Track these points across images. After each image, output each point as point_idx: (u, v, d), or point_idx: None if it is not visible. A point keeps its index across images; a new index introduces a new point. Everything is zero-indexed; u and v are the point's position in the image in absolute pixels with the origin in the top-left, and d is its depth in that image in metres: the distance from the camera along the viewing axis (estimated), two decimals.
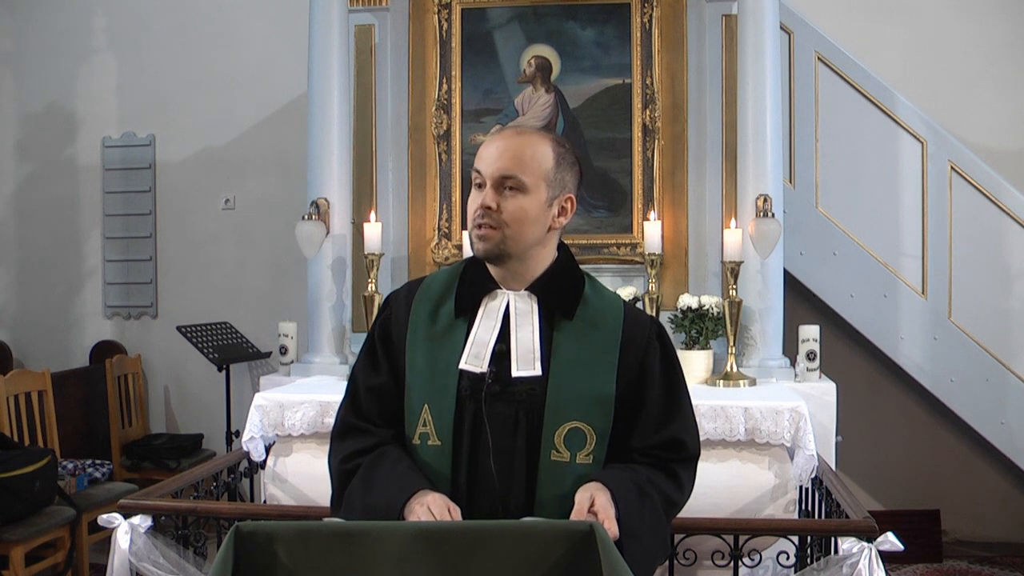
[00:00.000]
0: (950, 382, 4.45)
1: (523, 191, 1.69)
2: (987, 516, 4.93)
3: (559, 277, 1.78)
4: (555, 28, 4.20)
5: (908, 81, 4.80)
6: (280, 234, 5.17)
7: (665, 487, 1.74)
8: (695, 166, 4.14)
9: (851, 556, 2.42)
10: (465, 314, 1.76)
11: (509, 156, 1.69)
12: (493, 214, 1.68)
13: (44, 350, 5.70)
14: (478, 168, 1.71)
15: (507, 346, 1.72)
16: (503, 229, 1.69)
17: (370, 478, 1.71)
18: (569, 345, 1.73)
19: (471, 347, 1.72)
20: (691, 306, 3.80)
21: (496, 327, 1.73)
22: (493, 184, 1.69)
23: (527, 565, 1.45)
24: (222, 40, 5.59)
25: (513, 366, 1.70)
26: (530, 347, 1.72)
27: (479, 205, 1.70)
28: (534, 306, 1.75)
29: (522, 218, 1.69)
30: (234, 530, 1.46)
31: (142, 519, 2.62)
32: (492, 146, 1.71)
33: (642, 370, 1.76)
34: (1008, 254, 4.45)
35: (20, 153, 5.87)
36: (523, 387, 1.70)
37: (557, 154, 1.73)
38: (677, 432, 1.77)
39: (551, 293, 1.76)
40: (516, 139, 1.72)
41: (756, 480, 3.21)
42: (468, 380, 1.71)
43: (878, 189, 4.49)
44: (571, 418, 1.69)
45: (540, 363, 1.71)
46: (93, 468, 4.37)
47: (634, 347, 1.76)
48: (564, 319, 1.75)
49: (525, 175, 1.69)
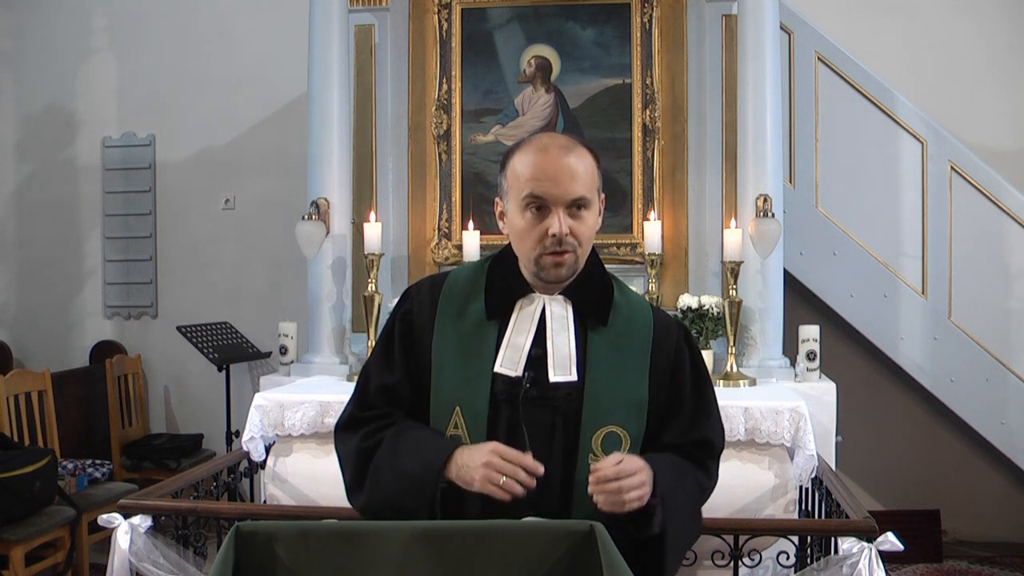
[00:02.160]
0: (950, 382, 4.45)
1: (587, 208, 1.70)
2: (987, 516, 4.93)
3: (591, 281, 1.78)
4: (555, 28, 4.20)
5: (908, 81, 4.80)
6: (280, 234, 5.17)
7: (697, 475, 1.79)
8: (695, 166, 4.14)
9: (851, 556, 2.42)
10: (497, 316, 1.75)
11: (576, 178, 1.67)
12: (569, 239, 1.67)
13: (44, 350, 5.70)
14: (536, 194, 1.66)
15: (543, 351, 1.72)
16: (577, 251, 1.70)
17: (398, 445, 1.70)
18: (604, 351, 1.74)
19: (506, 350, 1.72)
20: (691, 306, 3.80)
21: (532, 331, 1.73)
22: (565, 209, 1.67)
23: (527, 565, 1.45)
24: (222, 40, 5.60)
25: (550, 371, 1.71)
26: (567, 352, 1.72)
27: (552, 233, 1.66)
28: (569, 311, 1.76)
29: (591, 235, 1.73)
30: (234, 530, 1.46)
31: (142, 519, 2.62)
32: (545, 167, 1.66)
33: (673, 374, 1.79)
34: (1008, 254, 4.45)
35: (20, 153, 5.87)
36: (560, 392, 1.71)
37: (596, 161, 1.74)
38: (707, 433, 1.81)
39: (585, 298, 1.77)
40: (569, 158, 1.68)
41: (756, 480, 3.20)
42: (503, 384, 1.71)
43: (878, 189, 4.49)
44: (607, 422, 1.71)
45: (575, 368, 1.72)
46: (93, 468, 4.37)
47: (664, 352, 1.79)
48: (599, 324, 1.76)
49: (590, 193, 1.70)
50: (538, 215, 1.68)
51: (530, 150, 1.70)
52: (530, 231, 1.68)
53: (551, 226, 1.66)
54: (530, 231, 1.68)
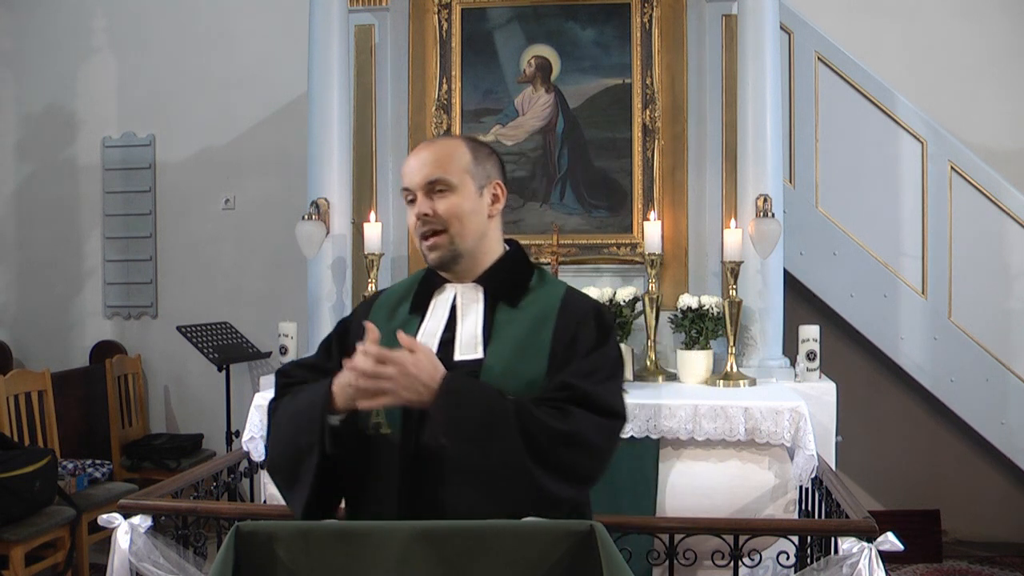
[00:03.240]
0: (950, 382, 4.45)
1: (451, 189, 1.79)
2: (987, 516, 4.93)
3: (506, 268, 1.87)
4: (555, 28, 4.20)
5: (908, 81, 4.80)
6: (280, 234, 5.17)
7: (541, 414, 1.63)
8: (695, 166, 4.13)
9: (851, 556, 2.42)
10: (418, 311, 1.86)
11: (429, 163, 1.80)
12: (432, 218, 1.78)
13: (44, 350, 5.71)
14: (405, 186, 1.82)
15: (453, 334, 1.79)
16: (448, 230, 1.79)
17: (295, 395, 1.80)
18: (508, 329, 1.79)
19: (421, 337, 1.80)
20: (691, 306, 3.80)
21: (444, 317, 1.82)
22: (423, 192, 1.79)
23: (527, 565, 1.45)
24: (222, 40, 5.60)
25: (456, 351, 1.77)
26: (473, 333, 1.79)
27: (416, 216, 1.80)
28: (480, 295, 1.83)
29: (458, 213, 1.79)
30: (234, 530, 1.46)
31: (142, 519, 2.62)
32: (411, 162, 1.83)
33: (572, 345, 1.76)
34: (1008, 254, 4.45)
35: (20, 153, 5.87)
36: (464, 370, 1.74)
37: (472, 148, 1.85)
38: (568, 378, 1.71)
39: (497, 283, 1.84)
40: (430, 147, 1.85)
41: (756, 480, 3.21)
42: None
43: (878, 189, 4.49)
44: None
45: (483, 348, 1.77)
46: (93, 468, 4.37)
47: (567, 326, 1.78)
48: (508, 306, 1.82)
49: (448, 174, 1.79)
50: (412, 206, 1.83)
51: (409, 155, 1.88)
52: (410, 222, 1.84)
53: (417, 210, 1.80)
54: (410, 222, 1.84)
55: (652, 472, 3.23)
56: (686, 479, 3.24)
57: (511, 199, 4.19)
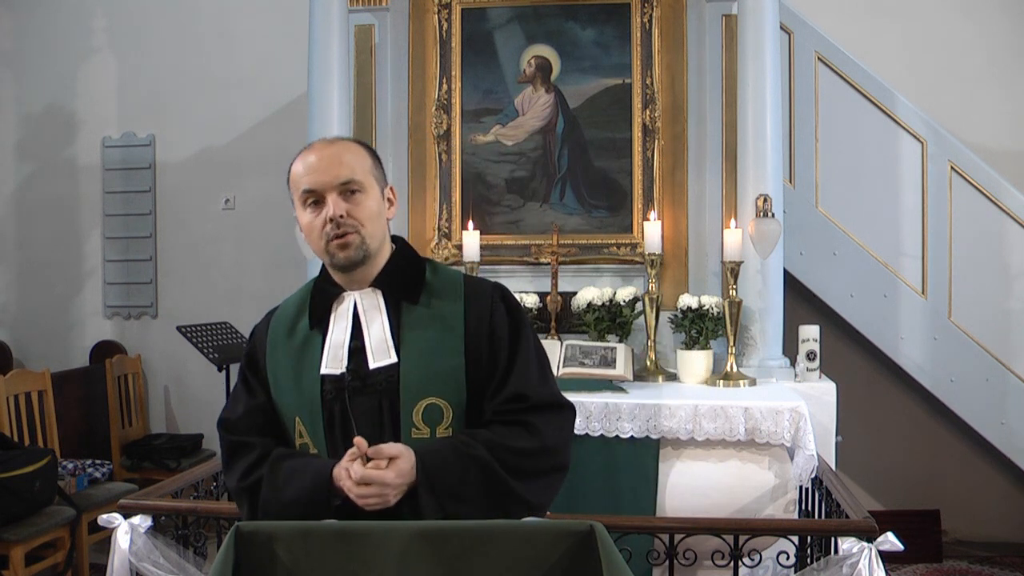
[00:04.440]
0: (950, 382, 4.45)
1: (363, 191, 1.77)
2: (987, 516, 4.93)
3: (399, 267, 1.84)
4: (555, 28, 4.20)
5: (908, 81, 4.79)
6: (280, 234, 5.17)
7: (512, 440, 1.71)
8: (695, 166, 4.13)
9: (851, 556, 2.42)
10: (319, 324, 1.82)
11: (340, 163, 1.75)
12: (347, 220, 1.74)
13: (44, 350, 5.71)
14: (308, 187, 1.75)
15: (361, 343, 1.77)
16: (360, 231, 1.76)
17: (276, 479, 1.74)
18: (416, 328, 1.78)
19: (328, 351, 1.79)
20: (691, 306, 3.80)
21: (348, 327, 1.80)
22: (338, 192, 1.74)
23: (527, 565, 1.45)
24: (222, 40, 5.60)
25: (369, 358, 1.76)
26: (382, 337, 1.77)
27: (328, 217, 1.73)
28: (380, 299, 1.81)
29: (371, 215, 1.77)
30: (234, 530, 1.46)
31: (142, 519, 2.62)
32: (312, 161, 1.76)
33: (491, 334, 1.79)
34: (1008, 254, 4.45)
35: (20, 153, 5.87)
36: (381, 377, 1.75)
37: (369, 152, 1.83)
38: (518, 388, 1.76)
39: (393, 283, 1.82)
40: (335, 147, 1.78)
41: (756, 480, 3.21)
42: (330, 383, 1.77)
43: (878, 189, 4.49)
44: (425, 395, 1.74)
45: (395, 350, 1.76)
46: (93, 468, 4.37)
47: (478, 314, 1.80)
48: (410, 305, 1.80)
49: (360, 176, 1.77)
50: (316, 208, 1.76)
51: (301, 154, 1.81)
52: (313, 225, 1.77)
53: (327, 212, 1.74)
54: (313, 225, 1.77)
55: (652, 472, 3.23)
56: (686, 479, 3.24)
57: (511, 199, 4.24)
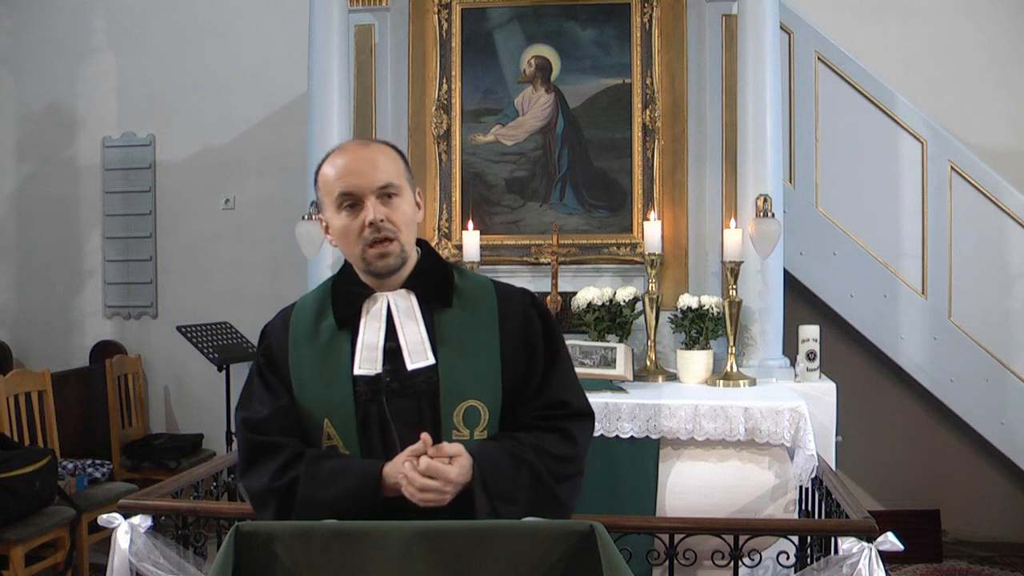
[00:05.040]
0: (950, 382, 4.45)
1: (400, 195, 1.75)
2: (987, 516, 4.93)
3: (429, 270, 1.83)
4: (555, 28, 4.20)
5: (908, 81, 4.80)
6: (280, 234, 5.17)
7: (551, 445, 1.75)
8: (695, 166, 4.13)
9: (851, 556, 2.42)
10: (347, 324, 1.79)
11: (376, 166, 1.73)
12: (387, 225, 1.72)
13: (44, 350, 5.71)
14: (346, 190, 1.72)
15: (397, 343, 1.76)
16: (399, 237, 1.74)
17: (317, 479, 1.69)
18: (452, 330, 1.78)
19: (361, 352, 1.76)
20: (691, 306, 3.80)
21: (382, 328, 1.77)
22: (376, 196, 1.72)
23: (527, 565, 1.45)
24: (222, 40, 5.60)
25: (407, 360, 1.75)
26: (419, 339, 1.76)
27: (368, 222, 1.71)
28: (413, 300, 1.80)
29: (408, 220, 1.76)
30: (234, 530, 1.46)
31: (142, 519, 2.62)
32: (348, 163, 1.73)
33: (526, 340, 1.80)
34: (1008, 254, 4.45)
35: (20, 153, 5.87)
36: (420, 378, 1.74)
37: (400, 154, 1.81)
38: (558, 393, 1.80)
39: (426, 286, 1.81)
40: (368, 150, 1.76)
41: (756, 480, 3.21)
42: (365, 384, 1.74)
43: (878, 189, 4.49)
44: (465, 397, 1.74)
45: (431, 351, 1.75)
46: (93, 468, 4.38)
47: (512, 319, 1.81)
48: (443, 307, 1.79)
49: (396, 179, 1.75)
50: (353, 212, 1.73)
51: (333, 155, 1.78)
52: (349, 229, 1.74)
53: (366, 216, 1.71)
54: (349, 229, 1.74)
55: (652, 472, 3.23)
56: (686, 479, 3.24)
57: (511, 199, 4.24)
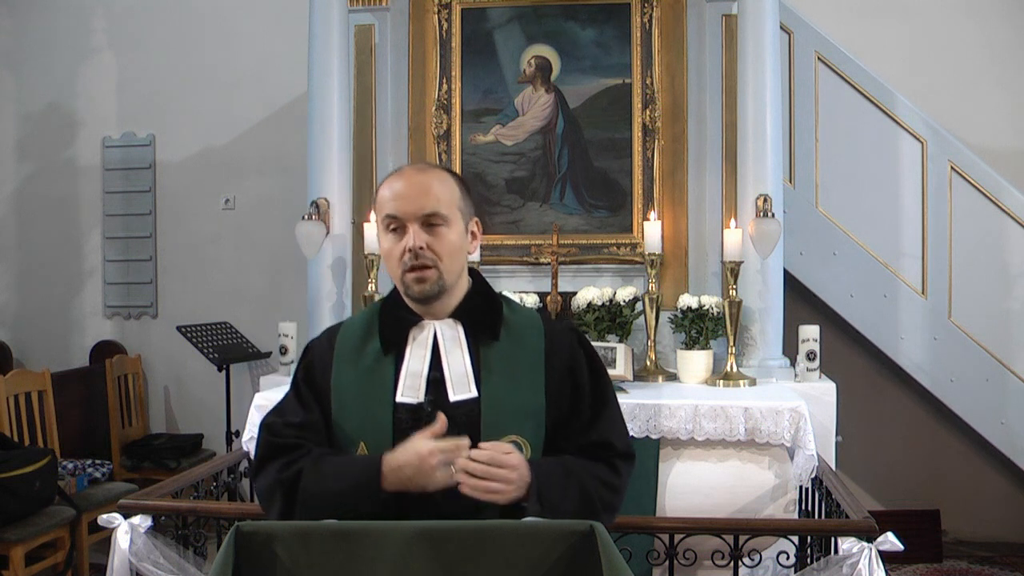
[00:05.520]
0: (950, 382, 4.45)
1: (446, 224, 1.74)
2: (987, 516, 4.93)
3: (478, 301, 1.82)
4: (555, 28, 4.20)
5: (908, 81, 4.79)
6: (280, 234, 5.17)
7: (600, 471, 1.76)
8: (695, 166, 4.13)
9: (851, 556, 2.42)
10: (392, 349, 1.78)
11: (426, 193, 1.72)
12: (426, 253, 1.71)
13: (44, 350, 5.71)
14: (392, 213, 1.73)
15: (441, 373, 1.74)
16: (438, 266, 1.73)
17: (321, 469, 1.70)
18: (497, 363, 1.76)
19: (405, 379, 1.75)
20: (691, 306, 3.80)
21: (427, 356, 1.76)
22: (420, 224, 1.72)
23: (527, 565, 1.45)
24: (222, 40, 5.60)
25: (449, 391, 1.73)
26: (463, 371, 1.75)
27: (408, 248, 1.71)
28: (460, 331, 1.78)
29: (451, 251, 1.74)
30: (234, 530, 1.46)
31: (142, 519, 2.62)
32: (399, 187, 1.74)
33: (571, 378, 1.80)
34: (1008, 254, 4.45)
35: (20, 153, 5.87)
36: (462, 411, 1.72)
37: (459, 183, 1.80)
38: (604, 435, 1.80)
39: (474, 317, 1.80)
40: (422, 176, 1.75)
41: (756, 480, 3.21)
42: (406, 412, 1.73)
43: (878, 189, 4.49)
44: (506, 432, 1.71)
45: (475, 384, 1.74)
46: (93, 468, 4.38)
47: (559, 356, 1.80)
48: (490, 340, 1.78)
49: (443, 208, 1.73)
50: (396, 235, 1.74)
51: (392, 176, 1.79)
52: (392, 252, 1.75)
53: (407, 242, 1.71)
54: (392, 252, 1.75)
55: (652, 472, 3.23)
56: (686, 479, 3.24)
57: (511, 199, 4.24)
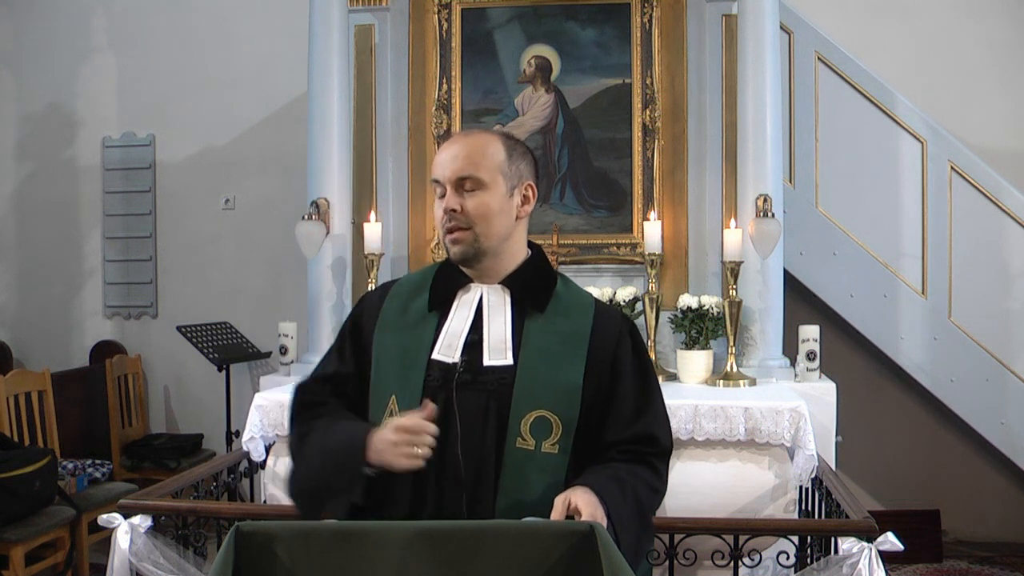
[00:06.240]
0: (950, 382, 4.45)
1: (482, 188, 1.74)
2: (987, 516, 4.93)
3: (531, 272, 1.83)
4: (555, 28, 4.20)
5: (908, 81, 4.79)
6: (280, 234, 5.17)
7: (646, 476, 1.76)
8: (695, 166, 4.13)
9: (851, 556, 2.42)
10: (438, 308, 1.80)
11: (462, 157, 1.75)
12: (459, 215, 1.73)
13: (44, 350, 5.70)
14: (436, 178, 1.77)
15: (479, 336, 1.75)
16: (473, 228, 1.74)
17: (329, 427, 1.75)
18: (539, 335, 1.76)
19: (444, 338, 1.76)
20: (691, 306, 3.80)
21: (469, 318, 1.77)
22: (453, 187, 1.74)
23: (527, 565, 1.45)
24: (222, 40, 5.60)
25: (485, 355, 1.74)
26: (502, 337, 1.75)
27: (444, 210, 1.75)
28: (507, 298, 1.79)
29: (486, 213, 1.74)
30: (234, 530, 1.46)
31: (142, 519, 2.62)
32: (445, 153, 1.77)
33: (614, 363, 1.78)
34: (1008, 254, 4.45)
35: (20, 153, 5.87)
36: (494, 376, 1.72)
37: (507, 146, 1.79)
38: (650, 427, 1.79)
39: (524, 286, 1.80)
40: (465, 140, 1.79)
41: (756, 480, 3.21)
42: (439, 370, 1.74)
43: (878, 189, 4.49)
44: (538, 406, 1.71)
45: (512, 353, 1.74)
46: (93, 468, 4.37)
47: (604, 340, 1.79)
48: (536, 311, 1.78)
49: (480, 172, 1.74)
50: (441, 202, 1.77)
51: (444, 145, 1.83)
52: (437, 214, 1.79)
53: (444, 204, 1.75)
54: (437, 214, 1.79)
55: None
56: (686, 479, 3.23)
57: None
